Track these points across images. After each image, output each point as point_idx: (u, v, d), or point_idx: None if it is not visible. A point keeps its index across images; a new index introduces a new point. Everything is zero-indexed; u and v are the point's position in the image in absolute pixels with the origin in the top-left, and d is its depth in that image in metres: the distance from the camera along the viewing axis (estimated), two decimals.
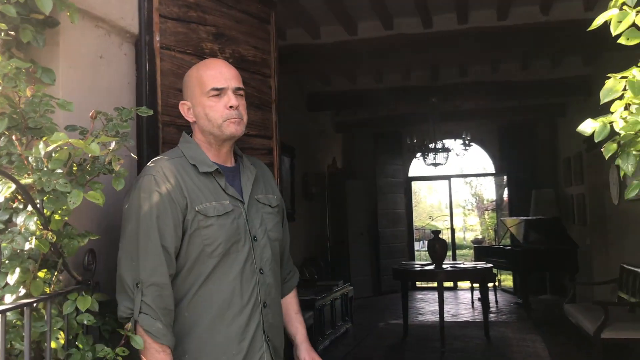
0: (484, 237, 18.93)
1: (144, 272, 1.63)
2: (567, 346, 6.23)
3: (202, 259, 1.71)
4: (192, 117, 1.85)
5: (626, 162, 1.25)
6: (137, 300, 1.61)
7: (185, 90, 1.90)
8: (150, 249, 1.65)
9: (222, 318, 1.71)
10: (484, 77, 7.89)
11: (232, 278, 1.73)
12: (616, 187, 6.70)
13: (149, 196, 1.67)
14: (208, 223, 1.71)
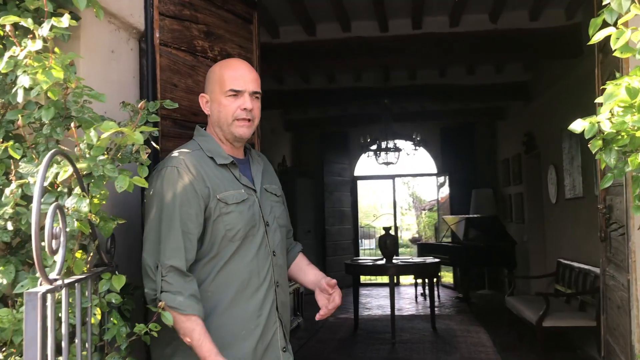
0: (421, 236, 19.54)
1: (163, 255, 1.77)
2: (509, 335, 6.63)
3: (224, 243, 1.85)
4: (208, 111, 1.99)
5: (609, 156, 1.48)
6: (158, 280, 1.76)
7: (206, 84, 2.03)
8: (172, 235, 1.78)
9: (242, 296, 1.87)
10: (431, 81, 8.24)
11: (249, 260, 1.89)
12: (554, 186, 7.17)
13: (172, 186, 1.79)
14: (229, 210, 1.86)
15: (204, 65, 2.75)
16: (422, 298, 9.94)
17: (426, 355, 5.96)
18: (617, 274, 2.62)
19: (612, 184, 2.31)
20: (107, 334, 1.61)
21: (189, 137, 2.60)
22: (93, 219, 1.52)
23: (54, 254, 1.25)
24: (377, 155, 8.60)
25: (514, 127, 9.44)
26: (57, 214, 1.29)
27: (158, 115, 1.75)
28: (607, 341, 2.93)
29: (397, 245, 7.35)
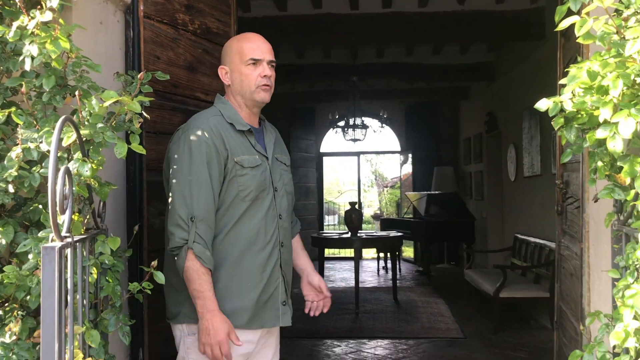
0: (383, 212, 19.89)
1: (197, 209, 1.95)
2: (467, 306, 6.94)
3: (236, 202, 2.03)
4: (229, 81, 2.15)
5: (569, 133, 1.63)
6: (191, 232, 1.92)
7: (224, 57, 2.19)
8: (203, 190, 1.97)
9: (249, 252, 2.05)
10: (398, 59, 8.37)
11: (258, 220, 2.06)
12: (513, 165, 7.45)
13: (199, 145, 1.98)
14: (244, 172, 2.04)
15: (185, 38, 2.82)
16: (384, 271, 10.21)
17: (388, 324, 6.19)
18: (571, 245, 2.82)
19: (569, 160, 2.50)
20: (103, 292, 1.71)
21: (170, 108, 2.70)
22: (92, 183, 1.60)
23: (63, 213, 1.34)
24: (345, 131, 8.74)
25: (477, 107, 9.70)
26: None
27: (150, 87, 1.82)
28: (559, 307, 3.15)
29: (362, 220, 7.53)
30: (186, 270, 1.93)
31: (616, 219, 1.83)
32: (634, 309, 1.43)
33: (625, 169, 1.48)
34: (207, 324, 1.93)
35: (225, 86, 2.19)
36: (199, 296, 1.93)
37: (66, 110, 1.77)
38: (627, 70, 1.35)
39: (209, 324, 1.93)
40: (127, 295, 1.74)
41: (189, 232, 1.92)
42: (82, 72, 1.66)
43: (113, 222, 2.21)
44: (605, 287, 2.08)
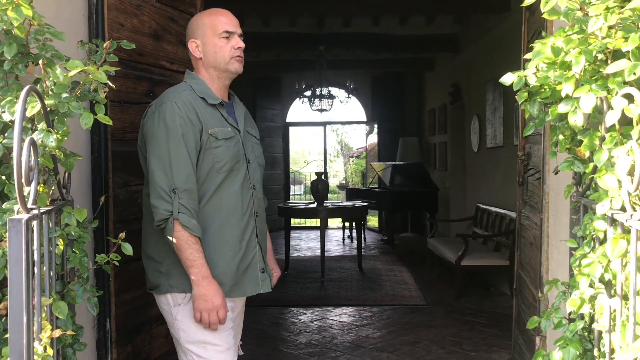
0: (349, 182, 20.02)
1: (178, 180, 1.97)
2: (429, 274, 7.10)
3: (212, 174, 2.06)
4: (200, 54, 2.16)
5: (532, 107, 1.68)
6: (175, 203, 1.96)
7: (194, 30, 2.19)
8: (182, 161, 1.99)
9: (228, 222, 2.09)
10: (365, 29, 8.34)
11: (234, 190, 2.11)
12: (476, 136, 7.56)
13: (174, 118, 2.00)
14: (218, 144, 2.06)
15: (149, 5, 2.75)
16: (349, 240, 10.33)
17: (353, 292, 6.30)
18: (532, 215, 2.91)
19: (531, 133, 2.56)
20: (70, 263, 1.70)
21: (134, 77, 2.65)
22: (57, 153, 1.58)
23: (29, 185, 1.32)
24: (312, 102, 8.71)
25: (441, 78, 9.76)
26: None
27: (116, 56, 1.79)
28: (519, 275, 3.26)
29: (328, 190, 7.58)
30: (176, 240, 1.96)
31: (575, 190, 1.89)
32: (590, 278, 1.49)
33: (585, 142, 1.53)
34: (204, 290, 1.98)
35: (195, 60, 2.20)
36: (192, 264, 1.98)
37: (29, 79, 1.73)
38: (589, 46, 1.39)
39: (206, 290, 1.99)
40: (94, 266, 1.74)
41: (172, 204, 1.95)
42: (45, 40, 1.61)
43: (78, 192, 2.19)
44: (563, 256, 2.16)
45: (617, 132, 1.40)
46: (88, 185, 2.38)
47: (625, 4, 1.38)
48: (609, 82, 1.36)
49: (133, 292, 2.56)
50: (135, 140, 2.49)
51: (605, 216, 1.48)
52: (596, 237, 1.60)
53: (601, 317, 1.53)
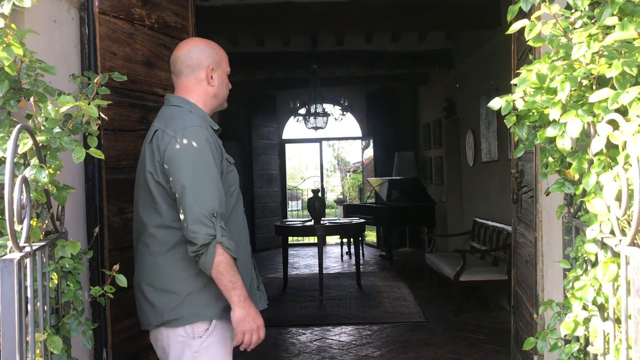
0: (346, 197, 20.01)
1: (215, 204, 1.94)
2: (428, 290, 7.08)
3: (227, 198, 2.06)
4: (213, 83, 2.17)
5: (521, 130, 1.69)
6: (217, 226, 1.92)
7: (212, 58, 2.18)
8: (216, 187, 1.97)
9: (240, 245, 2.09)
10: (358, 47, 8.39)
11: (241, 212, 2.18)
12: (471, 150, 7.59)
13: (202, 142, 1.97)
14: (230, 169, 2.11)
15: (142, 33, 2.78)
16: (347, 257, 10.31)
17: (352, 310, 6.28)
18: (526, 232, 2.92)
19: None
20: (64, 297, 1.70)
21: (128, 105, 2.67)
22: (50, 188, 1.59)
23: (21, 223, 1.33)
24: (306, 120, 8.74)
25: (436, 93, 9.82)
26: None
27: (107, 89, 1.80)
28: (516, 292, 3.26)
29: (325, 207, 7.58)
30: (217, 264, 1.91)
31: (567, 211, 1.90)
32: (582, 301, 1.50)
33: (573, 165, 1.54)
34: (247, 311, 1.97)
35: (201, 86, 2.16)
36: (234, 287, 1.95)
37: (20, 113, 1.74)
38: (574, 73, 1.41)
39: (249, 311, 1.97)
40: (89, 299, 1.73)
41: (215, 228, 1.91)
42: (37, 76, 1.63)
43: (72, 222, 2.19)
44: (558, 275, 2.17)
45: (604, 156, 1.42)
46: (82, 214, 2.38)
47: (608, 30, 1.40)
48: (594, 108, 1.38)
49: (129, 320, 2.55)
50: (129, 168, 2.50)
51: (596, 239, 1.49)
52: (588, 260, 1.61)
53: (596, 340, 1.53)
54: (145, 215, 2.08)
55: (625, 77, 1.34)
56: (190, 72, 2.15)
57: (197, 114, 2.09)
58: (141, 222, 2.11)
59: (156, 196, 2.03)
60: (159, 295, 2.06)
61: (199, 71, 2.14)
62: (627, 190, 1.23)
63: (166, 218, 2.02)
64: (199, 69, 2.14)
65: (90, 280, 2.29)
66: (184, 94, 2.16)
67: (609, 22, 1.33)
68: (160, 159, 2.00)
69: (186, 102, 2.14)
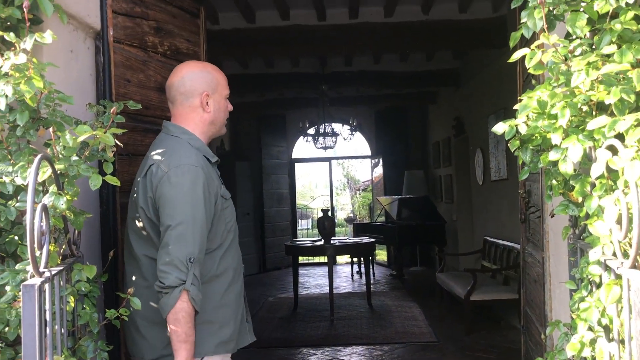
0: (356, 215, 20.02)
1: (195, 250, 1.87)
2: (439, 309, 7.06)
3: (224, 236, 2.03)
4: (209, 109, 2.08)
5: (525, 154, 1.73)
6: (190, 273, 1.84)
7: (207, 83, 2.09)
8: (199, 230, 1.90)
9: (234, 279, 2.08)
10: (366, 67, 8.50)
11: (236, 247, 2.11)
12: (481, 169, 7.61)
13: (194, 185, 1.90)
14: (226, 205, 2.05)
15: (154, 60, 2.85)
16: (357, 276, 10.30)
17: (363, 330, 6.28)
18: (535, 252, 2.94)
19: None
20: (81, 320, 1.74)
21: (141, 130, 2.73)
22: (67, 214, 1.64)
23: (41, 249, 1.38)
24: (316, 139, 8.82)
25: (444, 112, 9.87)
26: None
27: (123, 117, 1.86)
28: (525, 312, 3.27)
29: (335, 226, 7.61)
30: (178, 311, 1.83)
31: (572, 232, 1.93)
32: (587, 322, 1.52)
33: (576, 188, 1.58)
34: None
35: (197, 113, 2.08)
36: (187, 340, 1.85)
37: (39, 141, 1.80)
38: (574, 99, 1.45)
39: None
40: (105, 322, 1.78)
41: (187, 274, 1.83)
42: (55, 106, 1.69)
43: (88, 245, 2.25)
44: (565, 295, 2.19)
45: (606, 179, 1.45)
46: (97, 236, 2.44)
47: (606, 59, 1.45)
48: (594, 133, 1.42)
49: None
50: None
51: (599, 261, 1.52)
52: (593, 281, 1.64)
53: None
54: (139, 248, 2.03)
55: (624, 103, 1.38)
56: (184, 99, 2.07)
57: (195, 147, 2.02)
58: (135, 254, 2.05)
59: (149, 231, 1.97)
60: (152, 329, 2.01)
61: (193, 98, 2.06)
62: (627, 215, 1.27)
63: None
64: (192, 96, 2.06)
65: (105, 301, 2.33)
66: (181, 122, 2.09)
67: (607, 51, 1.37)
68: (152, 195, 1.94)
69: (184, 132, 2.06)
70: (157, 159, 1.98)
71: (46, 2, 1.76)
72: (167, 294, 1.83)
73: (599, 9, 1.53)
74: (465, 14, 6.17)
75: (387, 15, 6.18)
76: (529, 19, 1.66)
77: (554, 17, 1.67)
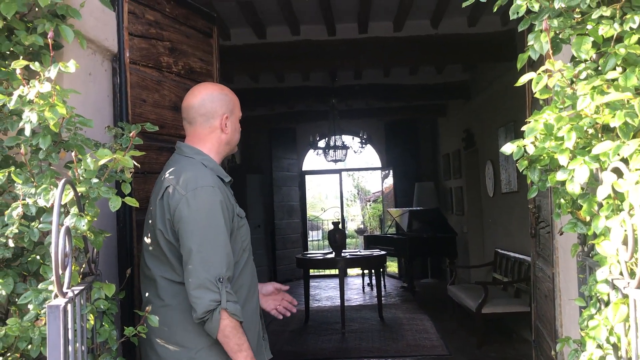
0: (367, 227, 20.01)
1: (222, 269, 1.91)
2: (450, 322, 7.06)
3: (240, 254, 2.07)
4: (227, 130, 2.14)
5: (533, 174, 1.77)
6: (223, 292, 1.89)
7: (225, 105, 2.15)
8: (224, 250, 1.95)
9: (250, 296, 2.12)
10: (376, 80, 8.56)
11: (250, 266, 2.15)
12: (491, 181, 7.62)
13: (212, 205, 1.95)
14: (241, 223, 2.09)
15: (169, 79, 2.92)
16: (369, 288, 10.31)
17: (374, 343, 6.29)
18: (545, 267, 2.96)
19: None
20: (100, 337, 1.79)
21: (157, 148, 2.79)
22: (88, 234, 1.70)
23: (64, 270, 1.43)
24: (326, 153, 8.88)
25: (454, 124, 9.90)
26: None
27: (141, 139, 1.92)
28: (537, 326, 3.28)
29: (346, 239, 7.64)
30: (223, 329, 1.90)
31: (580, 250, 1.96)
32: (596, 341, 1.55)
33: (584, 208, 1.61)
34: None
35: (215, 134, 2.12)
36: (240, 349, 1.93)
37: (60, 163, 1.86)
38: (580, 122, 1.48)
39: None
40: (123, 339, 1.83)
41: (220, 293, 1.88)
42: (76, 129, 1.75)
43: (105, 262, 2.30)
44: (575, 311, 2.21)
45: (612, 200, 1.49)
46: (114, 254, 2.49)
47: (611, 82, 1.49)
48: (600, 155, 1.45)
49: None
50: None
51: (607, 280, 1.55)
52: (601, 299, 1.66)
53: None
54: (155, 269, 2.06)
55: (629, 126, 1.42)
56: (204, 120, 2.11)
57: (210, 167, 2.06)
58: (150, 274, 2.08)
59: (167, 253, 2.00)
60: (169, 349, 2.03)
61: (213, 120, 2.11)
62: (633, 236, 1.30)
63: (179, 274, 1.99)
64: (213, 117, 2.11)
65: (122, 318, 2.38)
66: (197, 142, 2.12)
67: (610, 77, 1.41)
68: (170, 217, 1.96)
69: (198, 153, 2.09)
70: (173, 180, 2.01)
71: (67, 30, 1.83)
72: (209, 319, 1.89)
73: (604, 33, 1.57)
74: (474, 28, 6.22)
75: (396, 30, 6.24)
76: (535, 42, 1.71)
77: (560, 40, 1.72)
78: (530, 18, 1.79)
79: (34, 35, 1.79)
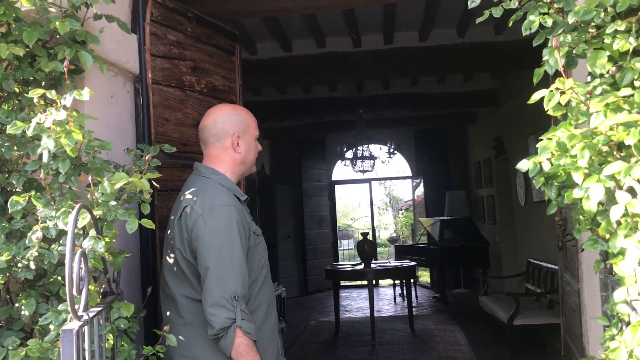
0: (399, 235, 19.88)
1: (237, 287, 1.95)
2: (483, 334, 6.95)
3: (258, 270, 2.11)
4: (240, 149, 2.18)
5: (550, 190, 1.74)
6: (237, 310, 1.93)
7: (238, 125, 2.20)
8: (239, 267, 1.98)
9: (268, 313, 2.14)
10: (404, 90, 8.53)
11: (268, 283, 2.18)
12: (522, 190, 7.50)
13: (229, 224, 1.99)
14: (258, 241, 2.14)
15: (192, 98, 2.97)
16: (400, 299, 10.22)
17: (405, 355, 6.23)
18: (572, 281, 2.90)
19: None
20: (120, 357, 1.82)
21: (180, 166, 2.83)
22: (106, 256, 1.73)
23: (80, 294, 1.46)
24: (354, 163, 8.88)
25: (485, 132, 9.78)
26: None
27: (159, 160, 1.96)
28: (566, 341, 3.21)
29: (376, 249, 7.61)
30: (237, 346, 1.92)
31: (603, 267, 1.91)
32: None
33: (602, 225, 1.58)
34: None
35: (229, 154, 2.18)
36: None
37: (81, 185, 1.91)
38: (594, 140, 1.46)
39: None
40: (142, 358, 1.85)
41: (235, 311, 1.92)
42: (95, 153, 1.80)
43: (128, 279, 2.34)
44: (600, 329, 2.15)
45: (630, 217, 1.45)
46: (138, 271, 2.53)
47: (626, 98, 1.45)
48: (615, 174, 1.42)
49: None
50: None
51: (626, 301, 1.51)
52: (622, 319, 1.62)
53: None
54: (175, 287, 2.10)
55: None
56: (216, 140, 2.17)
57: (226, 186, 2.10)
58: (170, 293, 2.12)
59: (186, 272, 2.05)
60: None
61: (224, 139, 2.16)
62: None
63: (198, 292, 2.02)
64: (224, 137, 2.16)
65: (145, 335, 2.42)
66: (212, 162, 2.18)
67: (622, 94, 1.38)
68: (188, 236, 2.02)
69: (214, 173, 2.15)
70: (191, 200, 2.06)
71: (86, 55, 1.88)
72: (224, 337, 1.93)
73: (619, 47, 1.55)
74: (501, 36, 6.15)
75: (422, 40, 6.22)
76: (550, 57, 1.69)
77: (575, 55, 1.69)
78: (545, 33, 1.77)
79: (54, 62, 1.85)
